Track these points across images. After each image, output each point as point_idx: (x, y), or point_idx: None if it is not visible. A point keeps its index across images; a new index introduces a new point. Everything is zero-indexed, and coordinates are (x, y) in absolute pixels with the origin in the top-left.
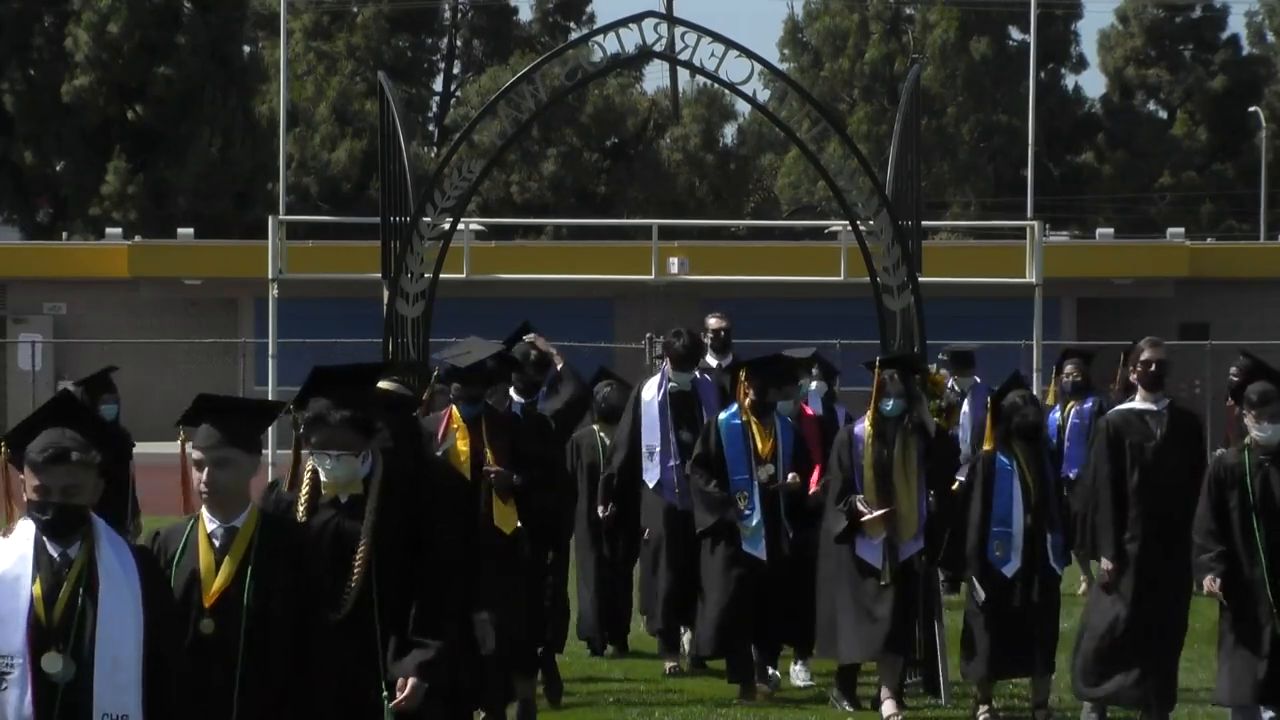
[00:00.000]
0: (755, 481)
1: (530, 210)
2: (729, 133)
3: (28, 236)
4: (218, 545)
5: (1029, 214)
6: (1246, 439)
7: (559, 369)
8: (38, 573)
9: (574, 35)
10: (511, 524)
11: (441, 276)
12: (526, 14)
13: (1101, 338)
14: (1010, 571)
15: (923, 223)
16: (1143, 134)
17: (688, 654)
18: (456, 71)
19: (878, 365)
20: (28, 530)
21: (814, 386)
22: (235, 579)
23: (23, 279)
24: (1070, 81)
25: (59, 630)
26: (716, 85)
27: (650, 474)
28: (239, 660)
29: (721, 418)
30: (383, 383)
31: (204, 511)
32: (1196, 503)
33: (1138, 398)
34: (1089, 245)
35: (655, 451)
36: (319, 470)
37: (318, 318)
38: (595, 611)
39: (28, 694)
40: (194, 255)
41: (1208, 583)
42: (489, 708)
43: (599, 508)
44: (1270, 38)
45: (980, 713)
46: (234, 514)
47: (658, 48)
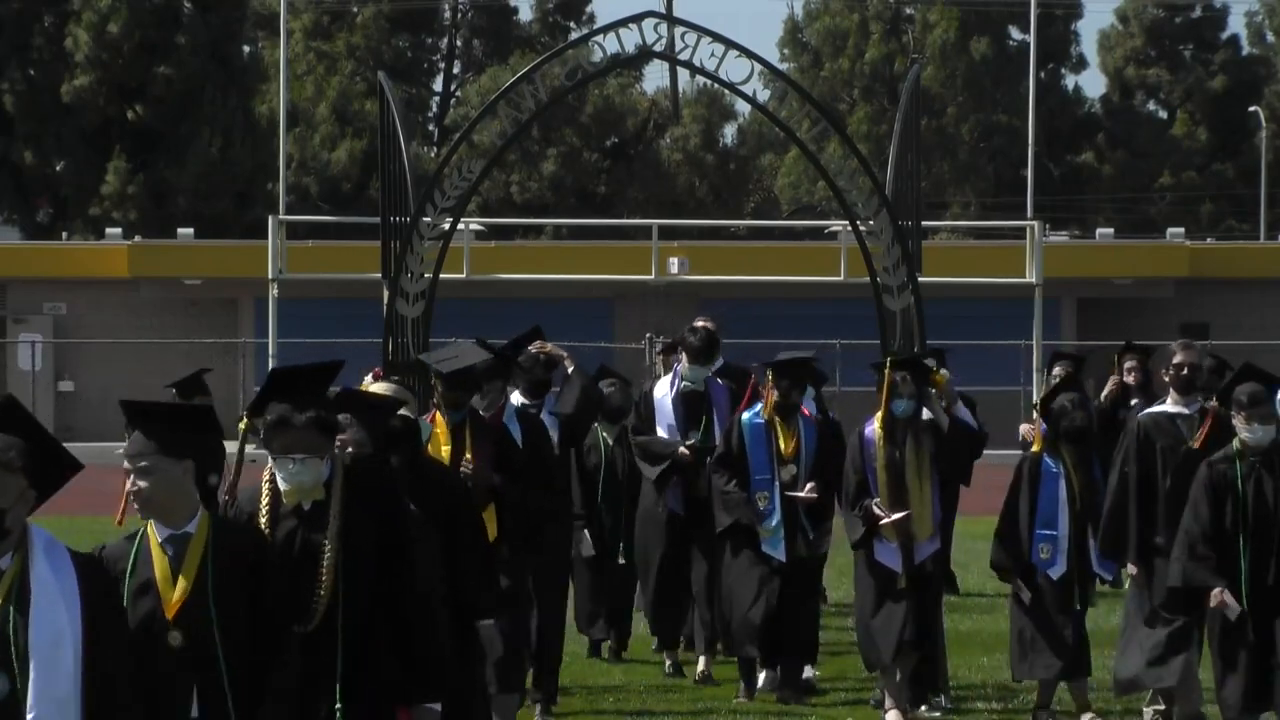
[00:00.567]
0: (777, 482)
1: (530, 210)
2: (729, 133)
3: (28, 236)
4: (171, 553)
5: (1029, 214)
6: (1235, 442)
7: (569, 372)
8: None
9: (574, 35)
10: (490, 531)
11: (441, 276)
12: (526, 14)
13: (1101, 338)
14: (1056, 574)
15: (923, 223)
16: (1143, 134)
17: (670, 662)
18: (456, 71)
19: (888, 366)
20: None
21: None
22: (196, 588)
23: (23, 279)
24: (1070, 81)
25: None
26: (716, 85)
27: (651, 471)
28: (222, 670)
29: (745, 417)
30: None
31: (152, 522)
32: None
33: (1169, 400)
34: (1089, 245)
35: None
36: (279, 478)
37: (318, 318)
38: (591, 610)
39: None
40: (194, 255)
41: (1216, 595)
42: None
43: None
44: (1270, 38)
45: (1041, 717)
46: (181, 521)
47: (658, 48)
